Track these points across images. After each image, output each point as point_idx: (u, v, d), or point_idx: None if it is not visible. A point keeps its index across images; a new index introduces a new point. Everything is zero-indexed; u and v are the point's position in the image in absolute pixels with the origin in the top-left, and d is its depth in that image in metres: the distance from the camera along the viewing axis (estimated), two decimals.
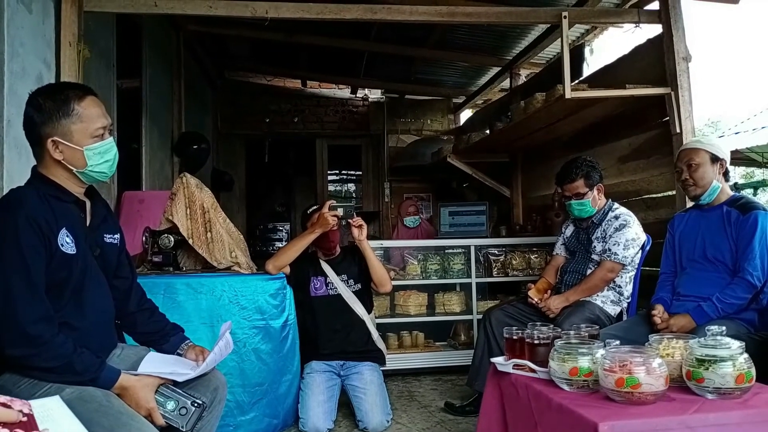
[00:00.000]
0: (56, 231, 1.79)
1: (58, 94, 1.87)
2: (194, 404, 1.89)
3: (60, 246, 1.79)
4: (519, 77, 6.47)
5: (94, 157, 1.88)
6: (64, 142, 1.84)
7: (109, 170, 1.95)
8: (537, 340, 2.24)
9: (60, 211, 1.84)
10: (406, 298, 4.72)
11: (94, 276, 1.94)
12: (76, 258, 1.85)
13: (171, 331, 2.20)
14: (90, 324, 1.89)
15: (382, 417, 3.18)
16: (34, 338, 1.70)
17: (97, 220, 2.02)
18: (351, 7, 3.89)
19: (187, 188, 3.23)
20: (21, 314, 1.69)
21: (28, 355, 1.70)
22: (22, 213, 1.73)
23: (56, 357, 1.72)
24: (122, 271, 2.14)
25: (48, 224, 1.77)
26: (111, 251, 2.06)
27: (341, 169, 12.52)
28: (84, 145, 1.87)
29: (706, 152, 2.84)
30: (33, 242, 1.73)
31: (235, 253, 3.29)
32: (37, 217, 1.75)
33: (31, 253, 1.72)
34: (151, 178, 5.35)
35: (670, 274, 3.02)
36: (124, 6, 3.70)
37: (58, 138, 1.84)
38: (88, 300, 1.89)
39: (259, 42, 7.15)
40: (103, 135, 1.91)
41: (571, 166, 3.42)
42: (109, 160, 1.93)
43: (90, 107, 1.89)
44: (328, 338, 3.41)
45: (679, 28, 3.78)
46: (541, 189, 5.88)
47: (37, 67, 3.20)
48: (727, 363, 1.82)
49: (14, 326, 1.68)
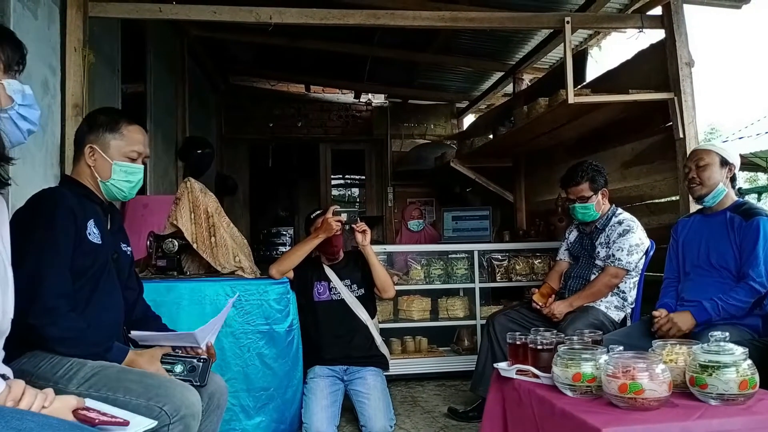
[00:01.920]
0: (86, 221, 1.96)
1: (114, 115, 2.12)
2: (200, 360, 2.00)
3: (88, 234, 1.95)
4: (522, 82, 6.48)
5: (119, 173, 2.06)
6: (99, 151, 2.04)
7: (129, 192, 2.12)
8: (540, 346, 2.23)
9: (89, 207, 2.02)
10: (410, 303, 4.72)
11: (110, 278, 2.07)
12: (101, 249, 2.00)
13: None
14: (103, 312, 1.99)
15: (385, 422, 3.17)
16: (51, 309, 1.80)
17: (116, 227, 2.20)
18: (354, 13, 3.90)
19: (192, 193, 3.23)
20: (47, 286, 1.80)
21: (42, 325, 1.79)
22: (60, 201, 1.91)
23: (70, 328, 1.83)
24: (131, 282, 2.28)
25: (81, 213, 1.95)
26: (125, 260, 2.21)
27: (345, 174, 12.51)
28: (116, 159, 2.05)
29: (717, 154, 2.85)
30: (66, 225, 1.88)
31: (239, 257, 3.29)
32: (73, 207, 1.92)
33: (63, 234, 1.87)
34: (155, 183, 5.36)
35: (674, 279, 3.02)
36: (128, 12, 3.72)
37: (95, 146, 2.04)
38: (103, 289, 2.01)
39: (263, 47, 7.17)
40: (136, 160, 2.10)
41: (576, 169, 3.42)
42: (132, 182, 2.11)
43: (135, 132, 2.10)
44: (332, 343, 3.41)
45: (682, 34, 3.79)
46: (545, 194, 5.88)
47: (43, 73, 3.22)
48: (731, 369, 1.81)
49: (39, 298, 1.78)
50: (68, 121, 3.39)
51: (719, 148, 2.90)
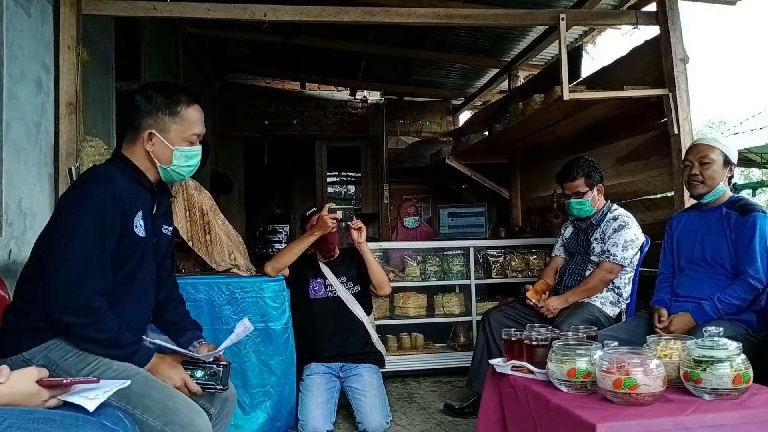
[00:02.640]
0: (134, 212, 1.90)
1: (171, 93, 2.00)
2: (219, 365, 2.00)
3: (134, 228, 1.90)
4: (517, 79, 6.48)
5: (180, 158, 2.00)
6: (159, 137, 1.96)
7: (188, 174, 2.07)
8: (535, 342, 2.24)
9: (138, 195, 1.95)
10: (406, 299, 4.72)
11: (149, 263, 2.03)
12: (144, 242, 1.96)
13: (190, 325, 2.25)
14: (133, 306, 1.97)
15: (381, 419, 3.18)
16: (92, 310, 1.77)
17: (162, 210, 2.12)
18: (349, 10, 3.90)
19: (186, 190, 3.23)
20: (90, 284, 1.76)
21: (82, 324, 1.76)
22: (110, 189, 1.83)
23: (106, 330, 1.80)
24: (166, 262, 2.22)
25: (130, 204, 1.88)
26: (164, 242, 2.16)
27: (340, 171, 12.50)
28: (176, 145, 1.98)
29: (721, 152, 2.79)
30: (115, 218, 1.82)
31: (234, 255, 3.29)
32: (122, 195, 1.85)
33: (110, 228, 1.81)
34: None
35: (668, 274, 3.02)
36: (122, 9, 3.71)
37: (155, 132, 1.95)
38: (138, 284, 1.98)
39: (258, 44, 7.16)
40: (195, 142, 2.03)
41: (572, 164, 3.43)
42: (192, 165, 2.05)
43: (194, 113, 2.02)
44: (328, 340, 3.41)
45: (677, 30, 3.79)
46: (540, 190, 5.89)
47: (36, 71, 3.21)
48: (725, 364, 1.82)
49: (81, 295, 1.74)
50: (62, 119, 3.37)
51: (723, 145, 2.82)
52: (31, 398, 1.34)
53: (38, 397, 1.35)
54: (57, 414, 1.34)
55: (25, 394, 1.33)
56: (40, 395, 1.35)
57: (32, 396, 1.34)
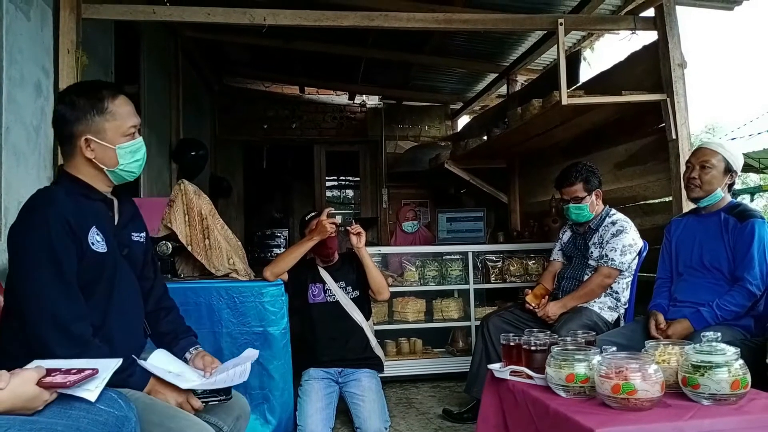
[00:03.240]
0: (87, 229, 1.79)
1: (92, 92, 1.86)
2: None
3: (91, 245, 1.79)
4: (516, 83, 6.50)
5: (125, 155, 1.88)
6: (97, 140, 1.84)
7: (138, 170, 1.95)
8: (534, 347, 2.24)
9: (89, 210, 1.85)
10: (404, 304, 4.72)
11: (125, 276, 1.94)
12: (107, 257, 1.84)
13: (182, 334, 2.16)
14: (121, 325, 1.89)
15: (380, 424, 3.17)
16: (77, 337, 1.70)
17: (125, 218, 2.02)
18: (348, 15, 3.91)
19: (185, 195, 3.23)
20: (64, 314, 1.69)
21: (75, 355, 1.67)
22: (52, 212, 1.73)
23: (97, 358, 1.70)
24: (147, 270, 2.14)
25: (78, 222, 1.77)
26: (138, 250, 2.06)
27: (339, 176, 12.52)
28: (117, 143, 1.86)
29: (724, 159, 2.77)
30: (65, 241, 1.72)
31: (233, 259, 3.29)
32: (67, 216, 1.74)
33: (64, 252, 1.72)
34: (149, 185, 5.35)
35: (666, 279, 3.02)
36: (122, 13, 3.72)
37: (91, 136, 1.83)
38: (118, 301, 1.89)
39: (257, 48, 7.17)
40: (134, 134, 1.91)
41: (571, 169, 3.44)
42: (139, 159, 1.94)
43: (123, 105, 1.89)
44: (327, 345, 3.41)
45: (675, 35, 3.80)
46: (539, 195, 5.89)
47: (36, 74, 3.21)
48: (723, 369, 1.82)
49: (60, 326, 1.68)
50: None
51: (727, 151, 2.79)
52: (33, 401, 1.32)
53: (39, 399, 1.33)
54: (59, 425, 1.33)
55: (26, 398, 1.31)
56: (41, 396, 1.34)
57: (34, 399, 1.32)
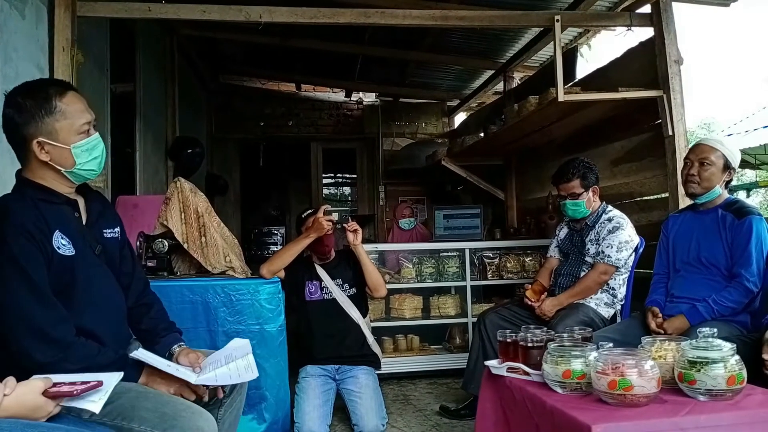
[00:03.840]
0: (49, 234, 1.75)
1: (39, 92, 1.79)
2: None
3: (56, 249, 1.75)
4: (512, 80, 6.49)
5: (82, 154, 1.83)
6: (49, 142, 1.78)
7: (98, 167, 1.90)
8: (530, 343, 2.25)
9: (51, 214, 1.79)
10: (401, 301, 4.72)
11: (101, 274, 1.91)
12: (77, 259, 1.80)
13: (162, 332, 2.11)
14: (104, 323, 1.87)
15: (377, 421, 3.18)
16: (58, 341, 1.69)
17: (94, 216, 1.97)
18: (344, 12, 3.90)
19: (182, 193, 3.22)
20: (39, 321, 1.67)
21: (58, 360, 1.67)
22: (7, 223, 1.69)
23: (84, 358, 1.72)
24: (125, 265, 2.09)
25: (39, 229, 1.72)
26: (112, 246, 2.01)
27: (336, 173, 12.53)
28: (71, 143, 1.80)
29: (723, 156, 2.77)
30: (27, 249, 1.69)
31: (230, 257, 3.28)
32: (25, 224, 1.70)
33: (28, 260, 1.68)
34: (145, 183, 5.34)
35: (663, 275, 3.02)
36: (117, 11, 3.70)
37: (43, 138, 1.77)
38: (98, 300, 1.87)
39: (253, 46, 7.15)
40: (89, 131, 1.85)
41: (568, 166, 3.44)
42: (98, 156, 1.88)
43: (72, 103, 1.82)
44: (324, 343, 3.41)
45: (671, 32, 3.81)
46: (535, 192, 5.90)
47: (31, 72, 3.20)
48: (719, 365, 1.82)
49: (37, 333, 1.66)
50: None
51: (726, 148, 2.79)
52: (37, 411, 1.31)
53: (43, 410, 1.32)
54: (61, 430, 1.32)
55: (30, 407, 1.30)
56: (45, 407, 1.32)
57: (38, 408, 1.31)
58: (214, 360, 2.00)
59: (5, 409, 1.26)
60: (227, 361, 1.99)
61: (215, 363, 1.98)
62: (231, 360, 2.00)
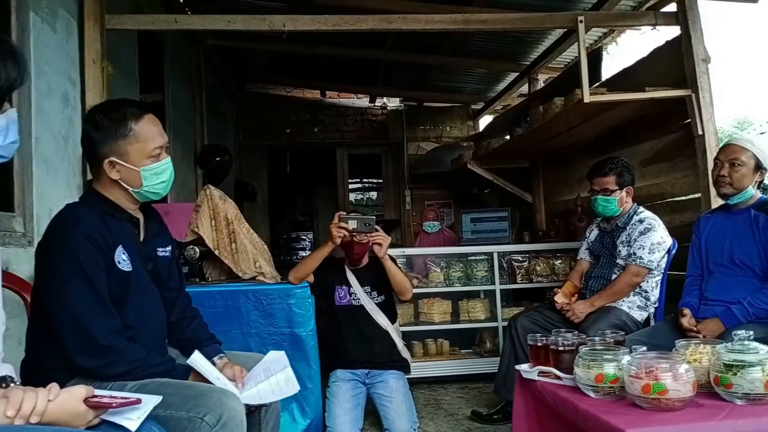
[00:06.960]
0: (113, 248, 1.82)
1: (116, 113, 1.86)
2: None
3: (117, 263, 1.81)
4: (537, 82, 6.46)
5: (150, 177, 1.89)
6: (121, 163, 1.84)
7: (164, 190, 1.96)
8: (561, 347, 2.23)
9: (115, 229, 1.86)
10: (430, 305, 4.72)
11: (149, 291, 1.97)
12: (132, 275, 1.87)
13: (205, 341, 2.17)
14: (146, 338, 1.92)
15: (408, 425, 3.17)
16: (106, 348, 1.73)
17: (151, 234, 2.04)
18: (367, 18, 3.92)
19: (211, 200, 3.27)
20: (94, 329, 1.72)
21: (101, 366, 1.73)
22: (78, 230, 1.76)
23: (131, 362, 1.76)
24: (172, 281, 2.16)
25: (105, 241, 1.79)
26: (163, 264, 2.09)
27: (362, 178, 12.56)
28: (140, 165, 1.86)
29: (754, 156, 2.71)
30: (92, 256, 1.75)
31: (260, 263, 3.31)
32: (93, 234, 1.77)
33: (92, 267, 1.75)
34: (175, 191, 5.41)
35: (697, 277, 2.96)
36: (144, 23, 3.78)
37: (115, 158, 1.84)
38: (144, 316, 1.92)
39: (278, 54, 7.23)
40: (160, 155, 1.91)
41: (606, 161, 3.42)
42: (165, 180, 1.94)
43: (147, 126, 1.88)
44: (353, 348, 3.41)
45: (697, 30, 3.76)
46: (564, 194, 5.85)
47: (63, 85, 3.28)
48: (756, 368, 1.79)
49: (89, 340, 1.71)
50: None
51: (757, 148, 2.73)
52: (78, 418, 1.33)
53: (84, 418, 1.34)
54: None
55: (73, 414, 1.32)
56: (86, 416, 1.34)
57: (79, 416, 1.33)
58: (254, 374, 2.03)
59: (48, 414, 1.28)
60: (266, 375, 2.02)
61: (255, 378, 2.01)
62: (270, 374, 2.02)
